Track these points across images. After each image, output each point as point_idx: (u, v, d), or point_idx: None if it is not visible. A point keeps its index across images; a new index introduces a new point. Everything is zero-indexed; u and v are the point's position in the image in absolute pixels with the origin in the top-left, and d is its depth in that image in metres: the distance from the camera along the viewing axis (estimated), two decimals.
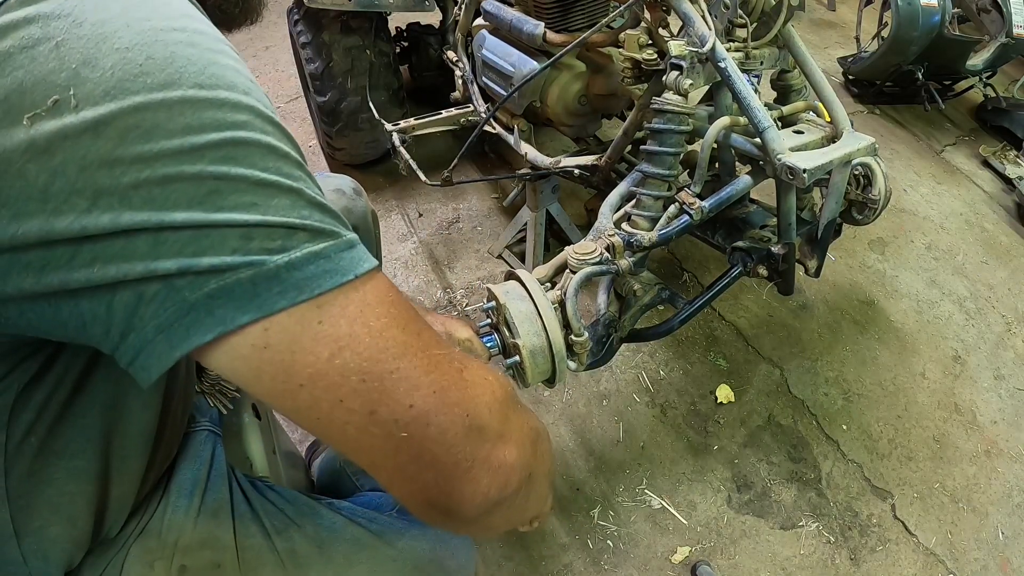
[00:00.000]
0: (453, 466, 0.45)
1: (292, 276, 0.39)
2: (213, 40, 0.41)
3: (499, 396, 0.49)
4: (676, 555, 1.37)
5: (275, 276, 0.39)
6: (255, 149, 0.40)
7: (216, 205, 0.37)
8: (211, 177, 0.38)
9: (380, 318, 0.42)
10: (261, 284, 0.38)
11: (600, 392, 1.67)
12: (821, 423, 1.63)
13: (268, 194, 0.39)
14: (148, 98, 0.36)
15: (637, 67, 1.26)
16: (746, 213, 1.41)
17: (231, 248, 0.38)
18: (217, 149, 0.38)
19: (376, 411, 0.42)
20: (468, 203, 2.26)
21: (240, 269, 0.38)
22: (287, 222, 0.40)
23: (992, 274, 2.12)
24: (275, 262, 0.38)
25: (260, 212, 0.39)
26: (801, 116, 1.27)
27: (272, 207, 0.39)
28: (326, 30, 1.96)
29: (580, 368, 1.08)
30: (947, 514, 1.48)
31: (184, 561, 0.71)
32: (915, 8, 2.35)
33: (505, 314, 0.98)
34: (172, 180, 0.37)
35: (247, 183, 0.39)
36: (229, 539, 0.74)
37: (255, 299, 0.38)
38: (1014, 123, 2.70)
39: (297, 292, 0.39)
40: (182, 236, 0.37)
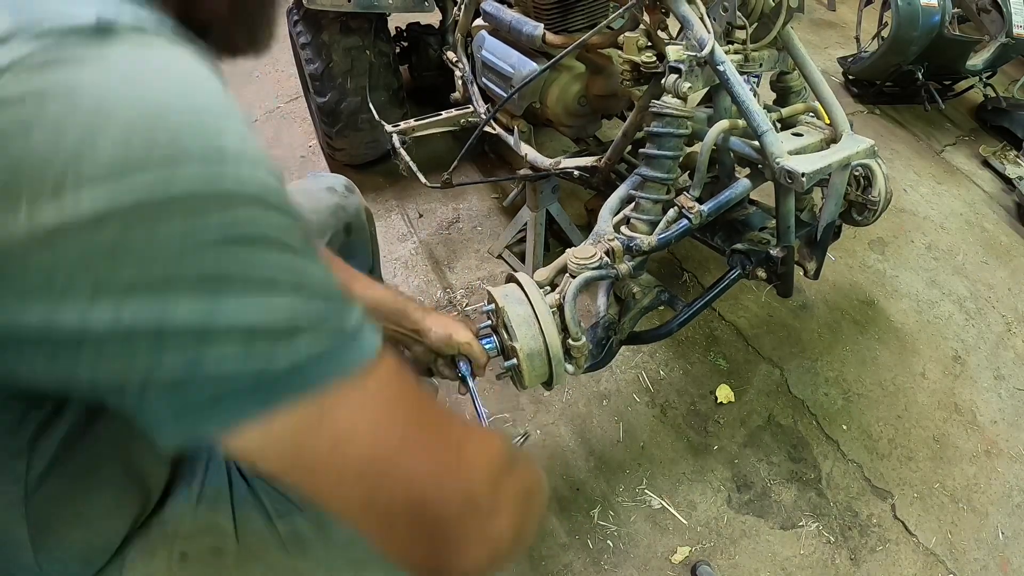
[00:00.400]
0: (446, 543, 0.46)
1: (294, 378, 0.40)
2: (218, 107, 0.39)
3: (495, 466, 0.50)
4: (676, 555, 1.37)
5: (277, 379, 0.39)
6: (259, 246, 0.39)
7: (218, 307, 0.37)
8: (213, 277, 0.37)
9: (380, 411, 0.44)
10: (263, 386, 0.39)
11: (600, 392, 1.67)
12: (821, 423, 1.63)
13: (271, 294, 0.39)
14: (151, 189, 0.35)
15: (636, 69, 1.26)
16: (745, 215, 1.42)
17: (233, 352, 0.38)
18: (219, 248, 0.37)
19: (374, 498, 0.44)
20: (468, 203, 2.27)
21: (242, 374, 0.38)
22: (290, 324, 0.40)
23: (992, 274, 2.12)
24: (277, 366, 0.39)
25: (262, 314, 0.39)
26: (800, 118, 1.27)
27: (275, 307, 0.39)
28: (326, 31, 1.96)
29: (578, 371, 1.09)
30: (947, 514, 1.49)
31: (185, 548, 0.71)
32: (915, 8, 2.35)
33: (504, 317, 0.99)
34: (173, 279, 0.36)
35: (250, 283, 0.38)
36: (229, 525, 0.75)
37: (257, 399, 0.39)
38: (1014, 123, 2.70)
39: (299, 392, 0.40)
40: (183, 339, 0.37)
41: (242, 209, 0.38)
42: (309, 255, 0.42)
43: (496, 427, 1.58)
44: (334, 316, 0.42)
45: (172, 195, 0.36)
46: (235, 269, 0.38)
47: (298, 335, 0.40)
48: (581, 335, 1.04)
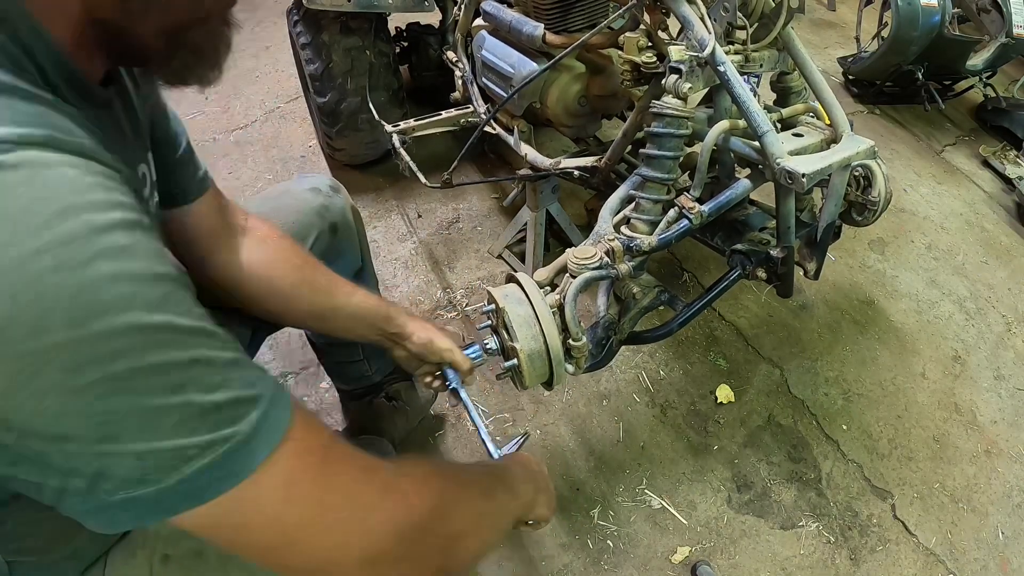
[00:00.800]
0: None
1: (187, 488, 0.44)
2: (86, 242, 0.40)
3: (408, 523, 0.56)
4: (676, 555, 1.37)
5: (172, 490, 0.44)
6: (137, 376, 0.41)
7: (108, 438, 0.41)
8: (99, 413, 0.41)
9: (276, 504, 0.49)
10: (163, 496, 0.44)
11: (600, 392, 1.67)
12: (821, 423, 1.64)
13: (156, 419, 0.43)
14: (22, 348, 0.38)
15: (636, 70, 1.26)
16: (745, 215, 1.42)
17: (126, 473, 0.43)
18: (98, 387, 0.40)
19: (284, 564, 0.52)
20: (468, 203, 2.27)
21: (140, 487, 0.43)
22: (175, 445, 0.43)
23: (992, 274, 2.12)
24: (169, 481, 0.43)
25: (149, 439, 0.42)
26: (801, 118, 1.27)
27: (161, 430, 0.43)
28: (325, 31, 1.96)
29: (578, 372, 1.09)
30: (947, 514, 1.49)
31: (166, 551, 0.72)
32: (915, 8, 2.35)
33: (504, 317, 0.99)
34: (63, 415, 0.40)
35: (134, 414, 0.42)
36: None
37: (160, 506, 0.45)
38: (1014, 123, 2.70)
39: (194, 500, 0.45)
40: (84, 459, 0.42)
41: (116, 341, 0.41)
42: (198, 342, 0.45)
43: (495, 435, 1.58)
44: (225, 421, 0.45)
45: (45, 349, 0.38)
46: (118, 402, 0.41)
47: (185, 452, 0.44)
48: (581, 335, 1.04)
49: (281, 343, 1.78)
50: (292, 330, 1.77)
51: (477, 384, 1.68)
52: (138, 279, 0.42)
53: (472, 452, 1.54)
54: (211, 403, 0.45)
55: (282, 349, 1.77)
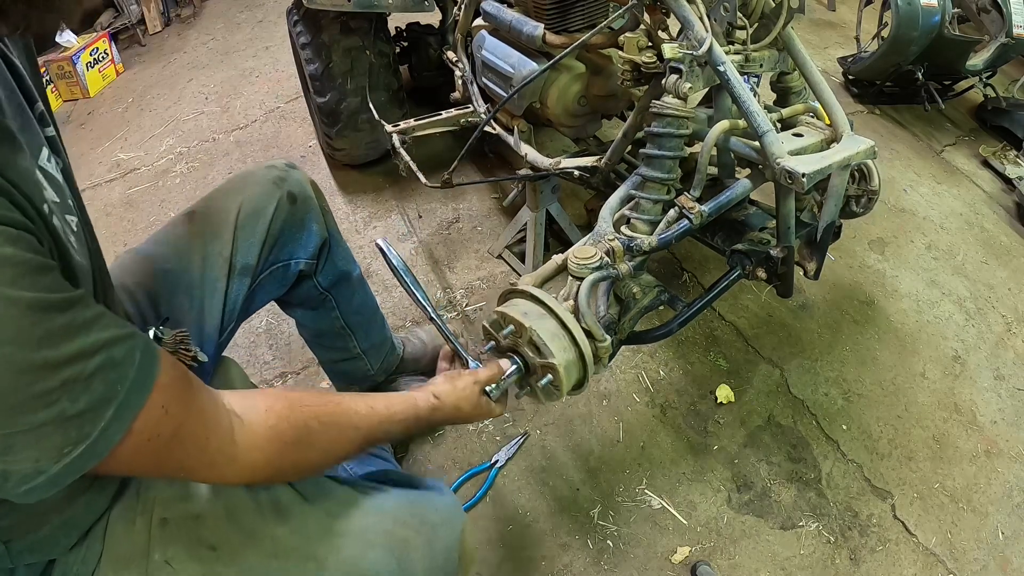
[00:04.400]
0: (207, 467, 0.68)
1: (77, 463, 0.56)
2: None
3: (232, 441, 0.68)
4: (676, 555, 1.37)
5: (65, 470, 0.55)
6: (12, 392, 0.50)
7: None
8: None
9: (146, 460, 0.62)
10: (58, 478, 0.56)
11: (600, 392, 1.67)
12: (821, 423, 1.64)
13: (37, 428, 0.52)
14: None
15: (636, 70, 1.26)
16: (745, 215, 1.42)
17: (23, 471, 0.54)
18: None
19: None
20: (468, 203, 2.27)
21: (37, 477, 0.55)
22: (56, 444, 0.54)
23: (992, 274, 2.12)
24: (58, 467, 0.55)
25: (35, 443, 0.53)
26: (801, 118, 1.27)
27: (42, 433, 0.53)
28: (325, 31, 1.96)
29: (602, 370, 1.09)
30: (947, 514, 1.49)
31: (164, 514, 0.75)
32: (915, 8, 2.35)
33: (532, 336, 0.96)
34: None
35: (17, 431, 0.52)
36: (205, 491, 0.78)
37: (62, 479, 0.56)
38: (1014, 123, 2.70)
39: (90, 461, 0.57)
40: None
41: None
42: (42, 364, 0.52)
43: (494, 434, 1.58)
44: (75, 431, 0.54)
45: None
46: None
47: (48, 464, 0.54)
48: (606, 336, 1.04)
49: (281, 343, 1.78)
50: (293, 331, 1.77)
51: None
52: None
53: (473, 451, 1.54)
54: (77, 411, 0.54)
55: (282, 349, 1.77)
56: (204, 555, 0.74)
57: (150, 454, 0.61)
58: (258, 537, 0.76)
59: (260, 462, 0.69)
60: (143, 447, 0.59)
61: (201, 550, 0.74)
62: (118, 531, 0.74)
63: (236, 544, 0.75)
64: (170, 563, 0.72)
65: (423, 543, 0.82)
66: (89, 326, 0.55)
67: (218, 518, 0.76)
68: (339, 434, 0.78)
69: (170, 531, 0.74)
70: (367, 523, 0.81)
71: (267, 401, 0.73)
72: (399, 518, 0.83)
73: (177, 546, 0.74)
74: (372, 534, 0.80)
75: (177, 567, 0.72)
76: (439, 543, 0.84)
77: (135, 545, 0.73)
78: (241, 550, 0.75)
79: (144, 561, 0.72)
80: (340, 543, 0.79)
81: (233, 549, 0.75)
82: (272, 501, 0.80)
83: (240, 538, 0.76)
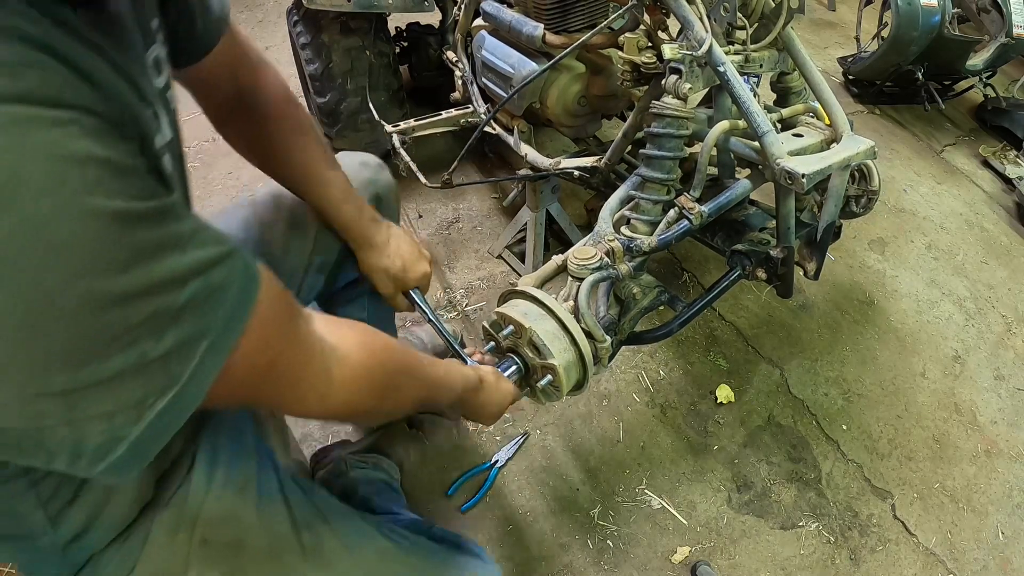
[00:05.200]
0: (296, 402, 0.61)
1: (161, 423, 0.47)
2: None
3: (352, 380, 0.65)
4: (676, 555, 1.37)
5: (143, 438, 0.46)
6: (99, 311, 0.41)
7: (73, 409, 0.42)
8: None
9: (253, 382, 0.55)
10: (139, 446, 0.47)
11: (600, 392, 1.67)
12: (821, 423, 1.64)
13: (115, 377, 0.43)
14: None
15: (636, 70, 1.26)
16: (745, 215, 1.42)
17: (97, 441, 0.45)
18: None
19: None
20: (468, 203, 2.26)
21: (116, 446, 0.46)
22: (136, 398, 0.44)
23: (992, 274, 2.12)
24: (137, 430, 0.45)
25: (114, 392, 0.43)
26: (801, 119, 1.28)
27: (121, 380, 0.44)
28: (325, 31, 1.96)
29: (602, 371, 1.09)
30: (947, 514, 1.49)
31: (206, 534, 0.72)
32: (915, 8, 2.35)
33: (531, 337, 0.97)
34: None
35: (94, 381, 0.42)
36: (253, 519, 0.75)
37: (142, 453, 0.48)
38: (1014, 123, 2.71)
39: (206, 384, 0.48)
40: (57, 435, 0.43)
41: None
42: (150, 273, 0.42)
43: (494, 434, 1.58)
44: (160, 377, 0.45)
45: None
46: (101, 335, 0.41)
47: (126, 426, 0.44)
48: (606, 336, 1.04)
49: None
50: None
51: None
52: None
53: (472, 451, 1.54)
54: (162, 351, 0.44)
55: None
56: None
57: (241, 389, 0.53)
58: (301, 568, 0.74)
59: (347, 402, 0.64)
60: (235, 384, 0.51)
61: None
62: (159, 540, 0.71)
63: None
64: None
65: None
66: (184, 243, 0.45)
67: (260, 551, 0.74)
68: (415, 386, 0.75)
69: (209, 553, 0.71)
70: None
71: (361, 336, 0.68)
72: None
73: (215, 571, 0.71)
74: None
75: None
76: None
77: (174, 559, 0.70)
78: None
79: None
80: None
81: None
82: (316, 545, 0.77)
83: (280, 570, 0.74)
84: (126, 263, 0.40)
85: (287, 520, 0.76)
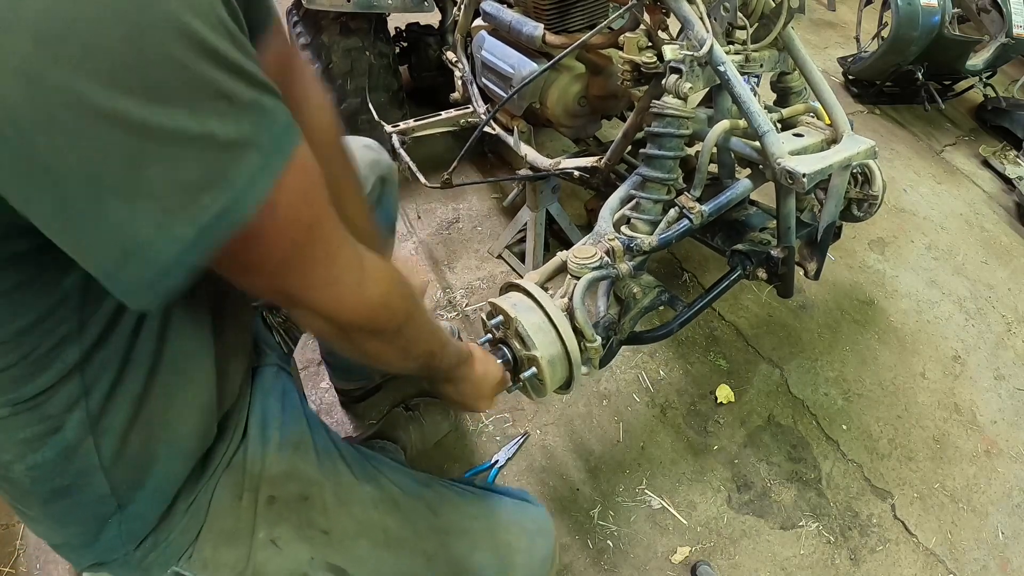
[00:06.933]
0: (331, 284, 0.57)
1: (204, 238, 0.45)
2: None
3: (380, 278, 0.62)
4: (676, 555, 1.37)
5: (192, 246, 0.44)
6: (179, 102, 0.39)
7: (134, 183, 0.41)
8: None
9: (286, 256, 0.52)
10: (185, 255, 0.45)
11: (600, 392, 1.67)
12: (821, 423, 1.63)
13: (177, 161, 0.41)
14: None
15: (636, 70, 1.26)
16: (746, 215, 1.42)
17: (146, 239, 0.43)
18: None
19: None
20: (468, 203, 2.26)
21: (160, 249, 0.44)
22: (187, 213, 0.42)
23: (992, 274, 2.12)
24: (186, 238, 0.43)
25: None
26: (801, 118, 1.27)
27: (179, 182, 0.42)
28: (325, 31, 1.96)
29: (592, 372, 1.09)
30: (947, 514, 1.49)
31: (272, 492, 0.73)
32: (915, 8, 2.35)
33: (517, 327, 0.97)
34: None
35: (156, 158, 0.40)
36: (316, 473, 0.76)
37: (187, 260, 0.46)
38: (1014, 123, 2.71)
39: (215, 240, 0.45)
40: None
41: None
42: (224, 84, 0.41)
43: (494, 435, 1.58)
44: (217, 165, 0.43)
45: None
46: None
47: (178, 220, 0.42)
48: (596, 336, 1.04)
49: None
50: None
51: None
52: None
53: (473, 451, 1.54)
54: (225, 139, 0.42)
55: None
56: (315, 537, 0.72)
57: (282, 241, 0.50)
58: (369, 526, 0.75)
59: (380, 298, 0.61)
60: (277, 229, 0.49)
61: (312, 532, 0.72)
62: (224, 504, 0.71)
63: (349, 530, 0.74)
64: (276, 542, 0.71)
65: (524, 549, 0.82)
66: (255, 60, 0.45)
67: (328, 502, 0.75)
68: (427, 324, 0.73)
69: (278, 510, 0.72)
70: (471, 524, 0.81)
71: (381, 257, 0.67)
72: (501, 523, 0.83)
73: (286, 525, 0.71)
74: (477, 535, 0.80)
75: (283, 547, 0.71)
76: (538, 552, 0.84)
77: (240, 521, 0.71)
78: (354, 537, 0.74)
79: (248, 538, 0.70)
80: (448, 540, 0.78)
81: (344, 534, 0.74)
82: (380, 492, 0.78)
83: (352, 525, 0.75)
84: (216, 27, 0.40)
85: (348, 471, 0.78)
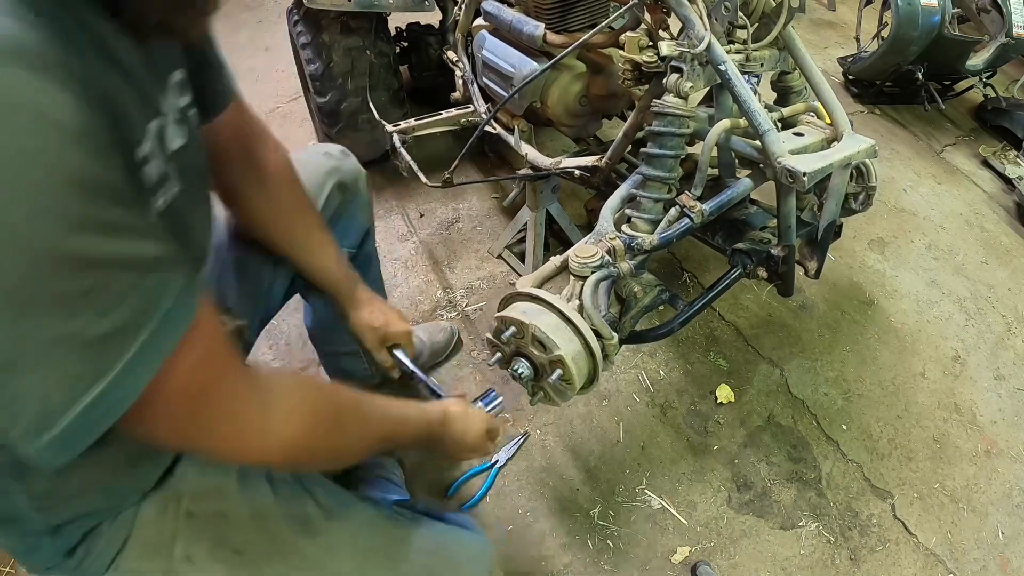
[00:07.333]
0: (236, 438, 0.60)
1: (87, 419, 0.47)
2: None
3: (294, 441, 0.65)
4: (676, 555, 1.37)
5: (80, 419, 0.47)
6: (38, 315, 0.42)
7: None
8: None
9: (174, 422, 0.55)
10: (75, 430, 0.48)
11: (600, 392, 1.67)
12: (821, 423, 1.63)
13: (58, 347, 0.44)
14: None
15: (637, 69, 1.26)
16: (746, 214, 1.42)
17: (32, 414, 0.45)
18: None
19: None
20: (468, 203, 2.26)
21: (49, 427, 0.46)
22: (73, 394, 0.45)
23: (992, 274, 2.12)
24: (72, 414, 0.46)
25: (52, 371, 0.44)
26: (801, 118, 1.27)
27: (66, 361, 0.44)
28: (326, 31, 1.96)
29: (610, 366, 1.09)
30: (947, 514, 1.49)
31: (191, 507, 0.73)
32: (915, 8, 2.35)
33: (533, 332, 0.96)
34: None
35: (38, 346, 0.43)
36: (235, 491, 0.76)
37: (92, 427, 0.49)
38: (1014, 123, 2.71)
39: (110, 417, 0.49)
40: None
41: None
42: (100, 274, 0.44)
43: None
44: (95, 358, 0.45)
45: None
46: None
47: (58, 406, 0.45)
48: (613, 333, 1.04)
49: (281, 343, 1.77)
50: (292, 329, 1.77)
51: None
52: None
53: None
54: (101, 332, 0.44)
55: (281, 349, 1.76)
56: (228, 557, 0.72)
57: (177, 409, 0.53)
58: (285, 547, 0.75)
59: (290, 438, 0.63)
60: (171, 401, 0.51)
61: (225, 551, 0.72)
62: (149, 516, 0.71)
63: (262, 551, 0.74)
64: (191, 559, 0.71)
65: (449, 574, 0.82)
66: (142, 234, 0.46)
67: (245, 521, 0.74)
68: (366, 425, 0.75)
69: (195, 526, 0.72)
70: (394, 550, 0.80)
71: (294, 379, 0.69)
72: (426, 548, 0.82)
73: (201, 544, 0.72)
74: (399, 562, 0.79)
75: (198, 564, 0.71)
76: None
77: (162, 534, 0.71)
78: (267, 558, 0.74)
79: (169, 552, 0.71)
80: (366, 567, 0.77)
81: (259, 556, 0.73)
82: (300, 513, 0.78)
83: (267, 546, 0.74)
84: (82, 224, 0.41)
85: (269, 492, 0.78)
